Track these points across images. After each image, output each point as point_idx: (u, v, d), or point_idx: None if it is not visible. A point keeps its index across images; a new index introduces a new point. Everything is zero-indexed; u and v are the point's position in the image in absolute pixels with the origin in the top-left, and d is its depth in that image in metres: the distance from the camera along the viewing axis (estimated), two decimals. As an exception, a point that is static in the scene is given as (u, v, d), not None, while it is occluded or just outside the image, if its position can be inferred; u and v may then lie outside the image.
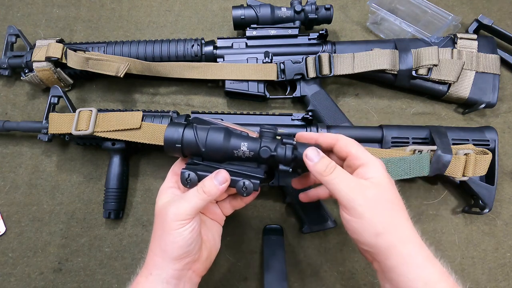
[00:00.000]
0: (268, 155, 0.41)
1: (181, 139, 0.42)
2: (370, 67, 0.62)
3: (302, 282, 0.59)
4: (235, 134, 0.43)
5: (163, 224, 0.40)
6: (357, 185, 0.37)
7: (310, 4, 0.63)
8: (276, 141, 0.42)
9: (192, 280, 0.42)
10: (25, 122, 0.61)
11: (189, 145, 0.42)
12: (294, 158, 0.41)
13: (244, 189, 0.41)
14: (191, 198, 0.40)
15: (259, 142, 0.42)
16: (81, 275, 0.60)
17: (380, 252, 0.36)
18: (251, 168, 0.43)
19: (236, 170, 0.42)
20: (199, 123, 0.44)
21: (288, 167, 0.41)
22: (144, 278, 0.40)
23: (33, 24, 0.74)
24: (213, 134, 0.42)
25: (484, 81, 0.62)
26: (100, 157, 0.65)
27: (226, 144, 0.42)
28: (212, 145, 0.42)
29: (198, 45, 0.65)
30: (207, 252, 0.44)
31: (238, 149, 0.42)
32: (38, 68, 0.63)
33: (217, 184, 0.40)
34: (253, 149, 0.41)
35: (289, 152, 0.41)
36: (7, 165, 0.65)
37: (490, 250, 0.59)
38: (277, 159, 0.41)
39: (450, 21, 0.65)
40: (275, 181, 0.59)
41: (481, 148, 0.55)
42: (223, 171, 0.41)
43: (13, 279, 0.60)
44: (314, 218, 0.57)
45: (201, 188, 0.40)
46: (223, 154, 0.42)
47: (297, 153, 0.41)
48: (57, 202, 0.63)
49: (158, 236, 0.40)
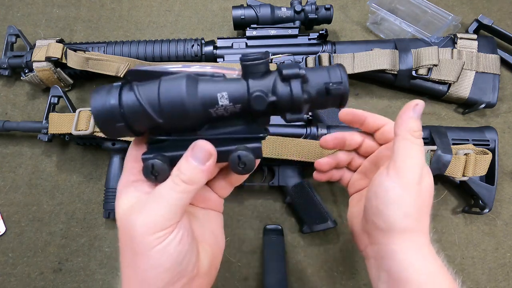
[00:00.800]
0: (265, 104, 0.26)
1: (121, 112, 0.26)
2: (370, 67, 0.62)
3: (302, 282, 0.59)
4: (205, 81, 0.27)
5: (131, 242, 0.27)
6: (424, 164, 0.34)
7: (310, 4, 0.63)
8: (273, 77, 0.27)
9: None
10: (25, 122, 0.61)
11: (137, 117, 0.26)
12: (307, 99, 0.27)
13: (242, 165, 0.27)
14: (166, 195, 0.27)
15: (245, 85, 0.26)
16: (81, 275, 0.60)
17: (393, 234, 0.33)
18: (242, 127, 0.28)
19: (222, 136, 0.28)
20: (142, 78, 0.27)
21: (300, 114, 0.27)
22: None
23: (33, 24, 0.74)
24: (167, 90, 0.26)
25: (484, 81, 0.62)
26: (100, 157, 0.65)
27: (193, 101, 0.26)
28: (172, 110, 0.26)
29: (198, 45, 0.65)
30: (209, 258, 0.31)
31: (216, 106, 0.26)
32: (38, 68, 0.63)
33: (197, 164, 0.27)
34: (239, 100, 0.26)
35: (298, 90, 0.26)
36: (7, 165, 0.65)
37: (490, 250, 0.59)
38: (280, 106, 0.27)
39: (450, 21, 0.65)
40: (275, 181, 0.59)
41: (481, 148, 0.55)
42: (201, 142, 0.27)
43: (13, 279, 0.60)
44: (314, 218, 0.57)
45: (178, 177, 0.27)
46: (193, 118, 0.26)
47: (310, 88, 0.27)
48: (57, 202, 0.63)
49: (130, 260, 0.27)
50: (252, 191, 0.63)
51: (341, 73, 0.27)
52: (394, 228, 0.33)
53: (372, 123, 0.39)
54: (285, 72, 0.26)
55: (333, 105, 0.29)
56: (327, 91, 0.27)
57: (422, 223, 0.34)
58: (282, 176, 0.59)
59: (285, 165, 0.59)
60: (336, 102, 0.28)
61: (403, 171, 0.33)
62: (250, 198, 0.63)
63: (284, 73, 0.26)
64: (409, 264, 0.32)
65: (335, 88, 0.27)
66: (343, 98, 0.28)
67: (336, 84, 0.27)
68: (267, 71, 0.27)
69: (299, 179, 0.58)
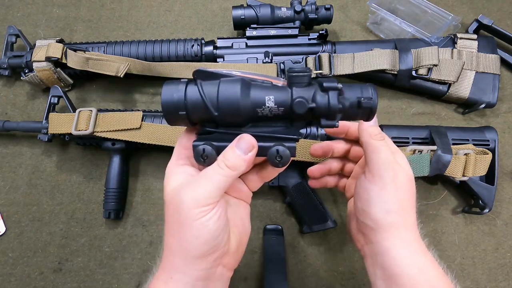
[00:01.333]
0: (305, 109, 0.30)
1: (185, 103, 0.31)
2: (370, 67, 0.62)
3: (302, 282, 0.59)
4: (256, 86, 0.32)
5: (178, 214, 0.31)
6: (395, 161, 0.37)
7: (310, 4, 0.63)
8: (313, 88, 0.31)
9: (223, 277, 0.35)
10: (25, 122, 0.61)
11: (196, 109, 0.31)
12: (341, 108, 0.30)
13: (279, 159, 0.31)
14: (212, 176, 0.31)
15: (289, 92, 0.31)
16: (81, 275, 0.60)
17: (381, 231, 0.36)
18: (281, 128, 0.33)
19: (263, 134, 0.32)
20: (205, 77, 0.32)
21: (334, 121, 0.31)
22: (162, 284, 0.32)
23: (33, 24, 0.74)
24: (226, 89, 0.31)
25: (484, 81, 0.62)
26: (100, 157, 0.65)
27: (246, 101, 0.31)
28: (227, 106, 0.31)
29: (198, 45, 0.65)
30: (237, 240, 0.35)
31: (263, 106, 0.31)
32: (38, 68, 0.63)
33: (241, 154, 0.31)
34: (283, 104, 0.31)
35: (334, 100, 0.30)
36: (7, 165, 0.65)
37: (490, 250, 0.59)
38: (317, 112, 0.31)
39: (450, 21, 0.65)
40: (275, 181, 0.59)
41: (481, 148, 0.55)
42: (246, 136, 0.32)
43: (13, 279, 0.60)
44: (314, 218, 0.57)
45: (223, 162, 0.31)
46: (243, 115, 0.31)
47: (345, 101, 0.31)
48: (57, 202, 0.63)
49: (174, 230, 0.32)
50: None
51: (371, 91, 0.32)
52: (380, 226, 0.36)
53: (353, 131, 0.42)
54: (325, 84, 0.31)
55: (362, 117, 0.33)
56: (358, 104, 0.31)
57: (406, 218, 0.37)
58: (282, 176, 0.59)
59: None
60: (365, 115, 0.32)
61: (376, 171, 0.36)
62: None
63: (324, 85, 0.31)
64: (399, 259, 0.35)
65: (366, 102, 0.31)
66: (371, 112, 0.32)
67: (367, 99, 0.31)
68: (309, 83, 0.32)
69: (299, 179, 0.58)
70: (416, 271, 0.34)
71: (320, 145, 0.45)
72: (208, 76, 0.32)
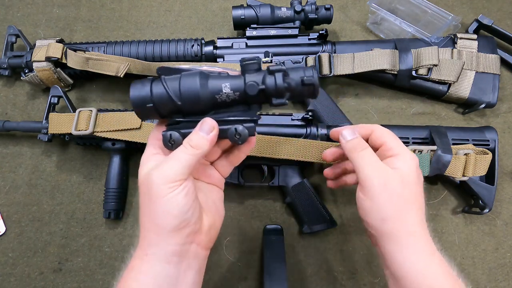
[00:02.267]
0: (256, 90, 0.35)
1: (151, 97, 0.35)
2: (370, 67, 0.62)
3: (302, 282, 0.59)
4: (213, 76, 0.36)
5: (149, 193, 0.34)
6: (381, 169, 0.39)
7: (310, 4, 0.63)
8: (263, 72, 0.36)
9: (198, 255, 0.37)
10: (25, 122, 0.61)
11: (162, 101, 0.35)
12: (287, 87, 0.35)
13: (238, 136, 0.36)
14: (178, 156, 0.35)
15: (242, 78, 0.36)
16: (81, 275, 0.60)
17: (382, 237, 0.38)
18: (241, 112, 0.37)
19: (225, 118, 0.37)
20: (168, 73, 0.37)
21: (282, 99, 0.35)
22: (139, 261, 0.35)
23: (33, 24, 0.74)
24: (186, 81, 0.35)
25: (484, 81, 0.62)
26: (100, 157, 0.65)
27: (205, 89, 0.35)
28: (188, 95, 0.35)
29: (198, 45, 0.65)
30: (210, 221, 0.38)
31: (220, 92, 0.35)
32: (38, 68, 0.63)
33: (204, 134, 0.35)
34: (237, 88, 0.35)
35: (280, 80, 0.35)
36: (7, 165, 0.65)
37: (490, 250, 0.59)
38: (268, 92, 0.35)
39: (450, 21, 0.65)
40: (275, 181, 0.59)
41: (481, 148, 0.55)
42: (207, 119, 0.36)
43: (13, 279, 0.60)
44: (314, 218, 0.57)
45: (187, 143, 0.35)
46: (204, 102, 0.36)
47: (290, 80, 0.35)
48: (57, 202, 0.63)
49: (146, 207, 0.35)
50: (252, 191, 0.63)
51: (312, 71, 0.36)
52: (380, 233, 0.38)
53: (360, 133, 0.43)
54: (271, 68, 0.35)
55: (308, 95, 0.36)
56: (302, 82, 0.35)
57: (406, 221, 0.38)
58: (282, 176, 0.59)
59: (285, 165, 0.59)
60: (310, 92, 0.36)
61: (364, 183, 0.39)
62: (250, 198, 0.63)
63: (270, 69, 0.35)
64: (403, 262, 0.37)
65: (307, 79, 0.35)
66: (314, 88, 0.36)
67: (309, 77, 0.35)
68: (259, 69, 0.36)
69: (299, 179, 0.58)
70: (421, 276, 0.35)
71: (331, 152, 0.48)
72: (170, 72, 0.37)
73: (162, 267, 0.34)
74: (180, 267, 0.35)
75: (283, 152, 0.55)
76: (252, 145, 0.41)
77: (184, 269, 0.35)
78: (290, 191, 0.58)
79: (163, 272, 0.34)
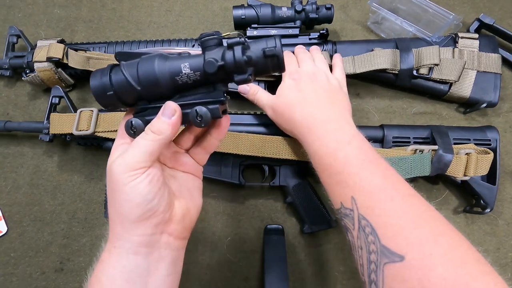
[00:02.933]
0: (215, 68, 0.32)
1: (110, 84, 0.34)
2: (371, 66, 0.62)
3: (302, 282, 0.59)
4: (172, 58, 0.34)
5: (111, 181, 0.33)
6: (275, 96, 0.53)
7: (310, 4, 0.63)
8: (222, 48, 0.33)
9: (171, 245, 0.35)
10: (27, 123, 0.61)
11: (122, 88, 0.34)
12: (248, 61, 0.32)
13: (199, 118, 0.33)
14: (139, 143, 0.33)
15: (202, 57, 0.33)
16: (82, 274, 0.60)
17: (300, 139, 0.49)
18: (205, 94, 0.35)
19: (188, 102, 0.34)
20: (127, 58, 0.35)
21: (244, 75, 0.33)
22: (107, 254, 0.34)
23: (34, 25, 0.74)
24: (144, 65, 0.33)
25: (485, 80, 0.62)
26: (101, 157, 0.65)
27: (163, 71, 0.33)
28: (147, 79, 0.33)
29: (198, 45, 0.65)
30: (183, 210, 0.37)
31: (180, 74, 0.33)
32: (39, 69, 0.63)
33: (165, 119, 0.33)
34: (197, 68, 0.33)
35: (238, 54, 0.32)
36: (8, 165, 0.66)
37: (491, 250, 0.59)
38: (227, 68, 0.33)
39: (451, 21, 0.65)
40: (276, 181, 0.59)
41: (483, 147, 0.55)
42: (169, 102, 0.34)
43: (14, 279, 0.60)
44: (315, 218, 0.57)
45: (149, 129, 0.34)
46: (164, 85, 0.34)
47: (251, 53, 0.32)
48: (59, 202, 0.63)
49: (110, 198, 0.33)
50: (253, 191, 0.63)
51: (275, 40, 0.33)
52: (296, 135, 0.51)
53: None
54: (229, 41, 0.32)
55: (274, 69, 0.34)
56: (264, 54, 0.32)
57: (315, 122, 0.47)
58: (283, 176, 0.59)
59: (286, 165, 0.59)
60: (274, 64, 0.33)
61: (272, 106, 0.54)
62: (251, 198, 0.63)
63: (228, 42, 0.32)
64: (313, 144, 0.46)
65: (269, 50, 0.32)
66: (279, 59, 0.33)
67: (271, 47, 0.32)
68: (219, 44, 0.34)
69: (300, 179, 0.58)
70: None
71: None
72: (129, 57, 0.35)
73: (130, 258, 0.33)
74: (150, 258, 0.34)
75: (284, 152, 0.55)
76: (223, 129, 0.39)
77: (155, 260, 0.34)
78: (291, 191, 0.58)
79: (131, 263, 0.33)
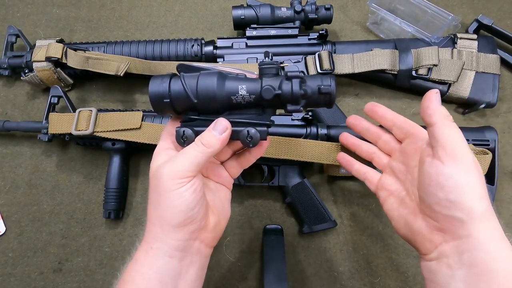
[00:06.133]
0: (271, 95, 0.35)
1: (169, 92, 0.36)
2: (370, 67, 0.62)
3: (302, 282, 0.59)
4: (231, 77, 0.36)
5: (158, 186, 0.35)
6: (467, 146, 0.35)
7: (310, 4, 0.63)
8: (280, 78, 0.36)
9: (201, 252, 0.37)
10: (25, 122, 0.61)
11: (179, 97, 0.36)
12: (303, 95, 0.35)
13: (250, 139, 0.36)
14: (189, 153, 0.35)
15: (259, 82, 0.36)
16: (81, 275, 0.60)
17: (475, 222, 0.32)
18: (255, 115, 0.37)
19: (238, 120, 0.36)
20: (187, 71, 0.38)
21: (297, 106, 0.36)
22: (143, 254, 0.35)
23: (33, 24, 0.74)
24: (204, 80, 0.36)
25: (484, 81, 0.62)
26: (100, 157, 0.65)
27: (221, 89, 0.35)
28: (204, 94, 0.35)
29: (198, 45, 0.65)
30: (215, 219, 0.38)
31: (236, 94, 0.36)
32: (38, 68, 0.63)
33: (216, 134, 0.35)
34: (253, 92, 0.35)
35: (296, 87, 0.35)
36: (7, 165, 0.65)
37: (490, 250, 0.59)
38: (283, 98, 0.35)
39: (450, 21, 0.65)
40: (275, 181, 0.59)
41: (481, 148, 0.55)
42: (221, 119, 0.36)
43: (13, 279, 0.60)
44: (314, 218, 0.57)
45: (199, 140, 0.35)
46: (219, 102, 0.36)
47: (307, 88, 0.35)
48: (57, 202, 0.63)
49: (154, 201, 0.35)
50: (252, 191, 0.63)
51: (330, 80, 0.36)
52: (473, 215, 0.32)
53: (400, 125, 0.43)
54: (289, 74, 0.36)
55: (324, 104, 0.37)
56: (319, 91, 0.36)
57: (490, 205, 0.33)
58: (282, 176, 0.59)
59: (285, 165, 0.59)
60: (326, 100, 0.36)
61: (459, 155, 0.34)
62: (250, 198, 0.63)
63: (288, 75, 0.36)
64: (496, 252, 0.31)
65: (324, 88, 0.36)
66: (331, 97, 0.36)
67: (326, 86, 0.36)
68: (277, 73, 0.36)
69: (299, 179, 0.58)
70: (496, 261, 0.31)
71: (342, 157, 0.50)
72: (189, 70, 0.37)
73: (166, 261, 0.34)
74: (183, 262, 0.35)
75: (283, 152, 0.55)
76: (263, 149, 0.41)
77: (187, 264, 0.36)
78: (290, 191, 0.58)
79: (166, 266, 0.34)
